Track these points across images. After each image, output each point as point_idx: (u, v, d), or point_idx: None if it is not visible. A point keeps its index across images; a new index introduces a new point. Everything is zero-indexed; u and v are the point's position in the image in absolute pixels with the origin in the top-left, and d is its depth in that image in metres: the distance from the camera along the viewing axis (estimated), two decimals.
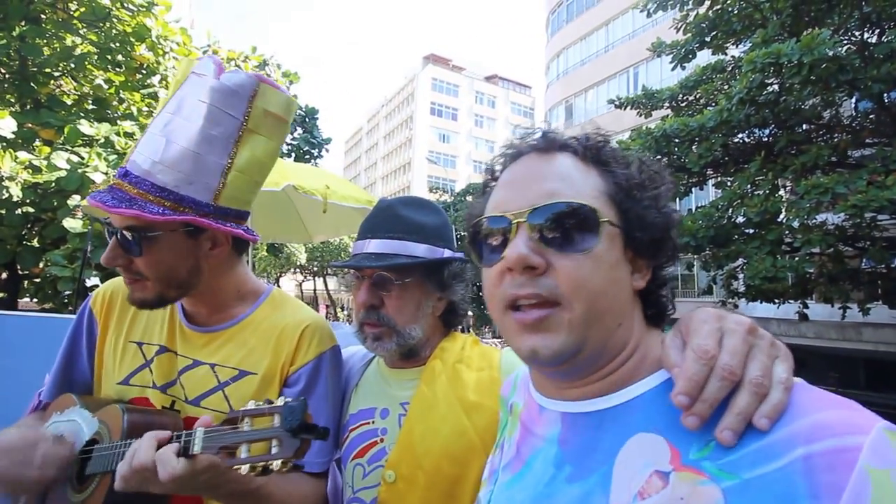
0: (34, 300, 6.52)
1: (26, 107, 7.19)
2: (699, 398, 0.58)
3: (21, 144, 5.96)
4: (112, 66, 7.57)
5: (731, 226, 8.94)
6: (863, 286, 9.33)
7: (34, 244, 6.03)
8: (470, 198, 24.68)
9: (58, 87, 7.77)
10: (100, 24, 7.27)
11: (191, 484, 0.91)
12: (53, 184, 5.24)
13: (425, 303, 1.28)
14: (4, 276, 6.81)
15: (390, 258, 1.23)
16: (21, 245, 5.87)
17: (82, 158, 5.48)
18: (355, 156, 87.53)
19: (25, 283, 6.71)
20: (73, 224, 5.11)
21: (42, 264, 5.56)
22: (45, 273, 5.50)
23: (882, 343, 13.82)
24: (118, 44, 7.39)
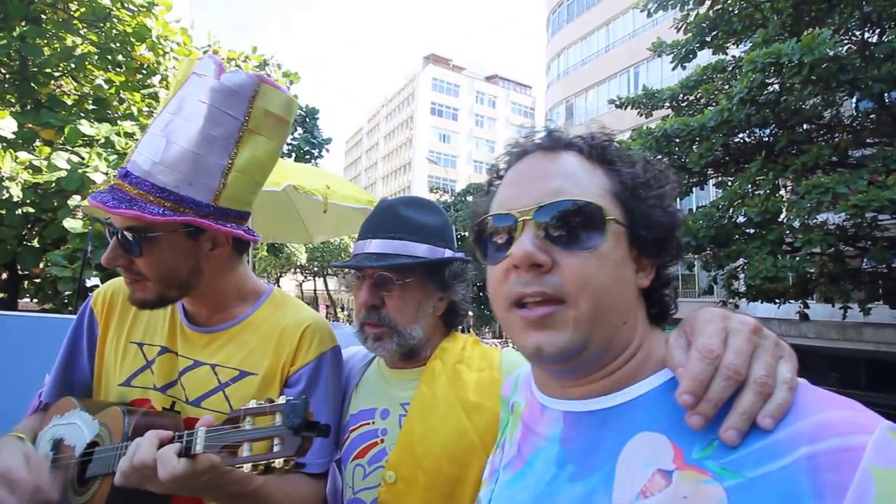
0: (34, 300, 6.52)
1: (27, 107, 7.20)
2: (704, 397, 0.58)
3: (21, 145, 5.96)
4: (112, 67, 7.58)
5: (732, 226, 8.94)
6: (864, 286, 9.33)
7: (34, 244, 6.03)
8: (470, 198, 24.62)
9: (58, 88, 7.78)
10: (100, 25, 7.28)
11: (190, 484, 0.91)
12: (54, 184, 5.24)
13: (426, 303, 1.28)
14: (4, 277, 6.81)
15: (391, 258, 1.23)
16: (21, 245, 5.87)
17: (82, 159, 5.48)
18: (356, 156, 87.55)
19: (25, 284, 6.71)
20: (74, 224, 5.11)
21: (42, 264, 5.56)
22: (46, 273, 5.50)
23: (883, 343, 13.83)
24: (118, 44, 7.40)
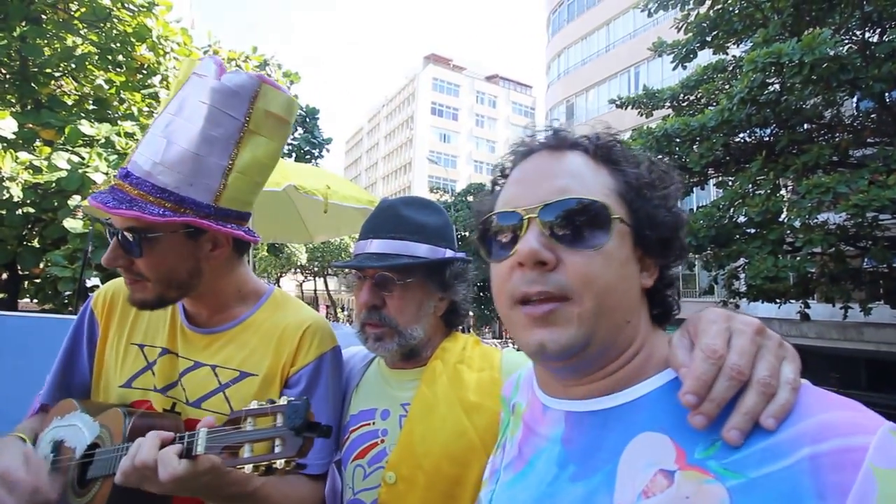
0: (34, 301, 6.52)
1: (27, 107, 7.21)
2: (707, 398, 0.58)
3: (22, 145, 5.97)
4: (113, 67, 7.59)
5: (733, 225, 8.95)
6: (864, 286, 9.33)
7: (35, 244, 6.03)
8: (471, 198, 24.67)
9: (58, 88, 7.78)
10: (100, 25, 7.28)
11: (190, 485, 0.91)
12: (54, 184, 5.25)
13: (427, 303, 1.28)
14: (5, 277, 6.82)
15: (392, 258, 1.23)
16: (21, 245, 5.88)
17: (83, 159, 5.49)
18: (356, 156, 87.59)
19: (26, 284, 6.71)
20: (74, 224, 5.11)
21: (42, 265, 5.57)
22: (46, 273, 5.50)
23: (884, 343, 13.83)
24: (119, 44, 7.41)
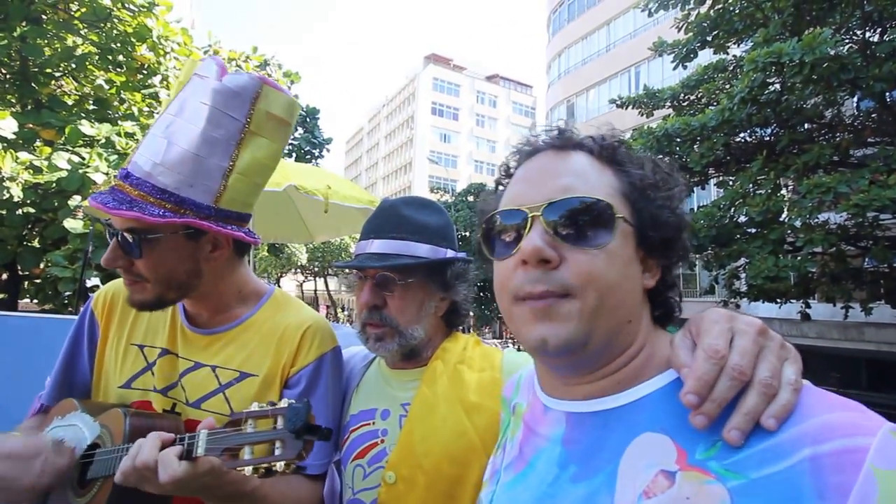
0: (35, 301, 6.52)
1: (27, 107, 7.21)
2: (708, 398, 0.58)
3: (22, 145, 5.96)
4: (113, 67, 7.59)
5: (733, 225, 8.94)
6: (865, 286, 9.30)
7: (35, 245, 6.03)
8: (471, 198, 24.67)
9: (59, 88, 7.78)
10: (101, 25, 7.28)
11: (190, 486, 0.91)
12: (54, 184, 5.25)
13: (428, 303, 1.28)
14: (5, 277, 6.82)
15: (393, 258, 1.23)
16: (22, 246, 5.88)
17: (83, 159, 5.49)
18: (356, 156, 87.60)
19: (26, 284, 6.71)
20: (74, 225, 5.11)
21: (43, 265, 5.57)
22: (46, 274, 5.50)
23: (884, 343, 13.81)
24: (119, 44, 7.41)
